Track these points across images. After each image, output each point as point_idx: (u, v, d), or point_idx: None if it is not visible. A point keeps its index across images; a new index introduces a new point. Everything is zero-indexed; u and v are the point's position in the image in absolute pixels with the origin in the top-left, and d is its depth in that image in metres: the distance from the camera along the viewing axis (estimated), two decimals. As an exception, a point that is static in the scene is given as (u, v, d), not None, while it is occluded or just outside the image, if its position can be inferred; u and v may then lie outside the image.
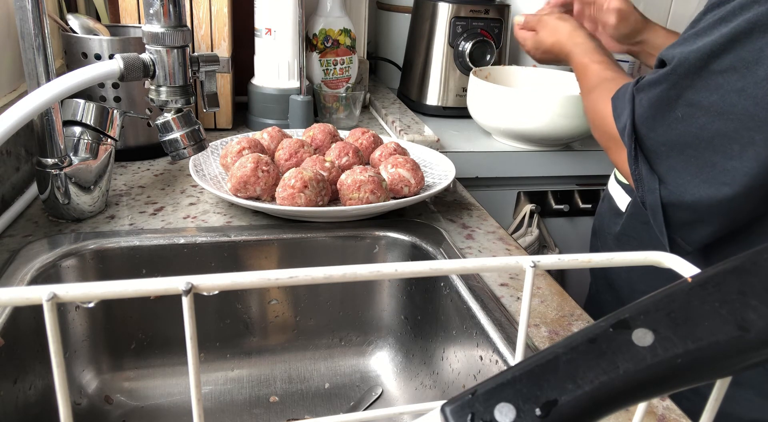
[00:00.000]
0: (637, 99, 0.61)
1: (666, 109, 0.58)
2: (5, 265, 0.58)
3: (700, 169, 0.56)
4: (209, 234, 0.66)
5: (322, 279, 0.21)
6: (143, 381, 0.66)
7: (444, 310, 0.63)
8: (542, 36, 0.89)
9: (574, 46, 0.83)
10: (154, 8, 0.59)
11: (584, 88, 0.77)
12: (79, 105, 0.67)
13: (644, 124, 0.60)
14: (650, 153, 0.60)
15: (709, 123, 0.55)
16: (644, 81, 0.61)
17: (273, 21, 1.00)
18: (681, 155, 0.57)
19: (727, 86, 0.53)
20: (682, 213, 0.58)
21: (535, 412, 0.17)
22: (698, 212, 0.57)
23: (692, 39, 0.56)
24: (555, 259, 0.24)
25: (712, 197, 0.55)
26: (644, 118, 0.60)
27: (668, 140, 0.58)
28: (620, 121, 0.63)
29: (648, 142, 0.60)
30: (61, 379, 0.19)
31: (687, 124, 0.56)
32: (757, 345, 0.17)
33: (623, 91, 0.64)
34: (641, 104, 0.60)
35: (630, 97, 0.62)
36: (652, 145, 0.59)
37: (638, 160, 0.61)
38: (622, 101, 0.63)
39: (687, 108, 0.56)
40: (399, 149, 0.79)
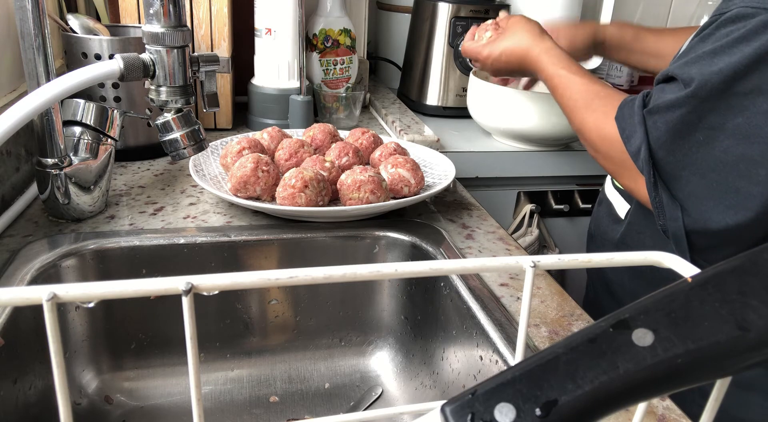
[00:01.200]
0: (651, 122, 0.58)
1: (686, 132, 0.56)
2: (5, 265, 0.58)
3: (724, 195, 0.54)
4: (209, 234, 0.66)
5: (322, 279, 0.21)
6: (143, 381, 0.66)
7: (444, 310, 0.63)
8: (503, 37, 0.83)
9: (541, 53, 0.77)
10: (154, 8, 0.59)
11: (570, 104, 0.72)
12: (79, 105, 0.67)
13: (662, 148, 0.57)
14: (670, 178, 0.58)
15: (733, 146, 0.53)
16: (658, 104, 0.58)
17: (273, 21, 1.00)
18: (703, 180, 0.55)
19: (753, 108, 0.52)
20: (706, 240, 0.57)
21: (535, 412, 0.17)
22: (723, 237, 0.56)
23: (709, 58, 0.54)
24: (555, 259, 0.24)
25: (739, 223, 0.54)
26: (662, 142, 0.57)
27: (689, 165, 0.56)
28: (631, 145, 0.60)
29: (668, 167, 0.58)
30: (61, 379, 0.19)
31: (709, 147, 0.54)
32: (757, 345, 0.17)
33: (629, 112, 0.61)
34: (656, 127, 0.58)
35: (640, 119, 0.59)
36: (672, 170, 0.57)
37: (658, 187, 0.58)
38: (630, 123, 0.61)
39: (709, 131, 0.54)
40: (399, 149, 0.79)
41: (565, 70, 0.74)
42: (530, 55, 0.79)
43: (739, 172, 0.53)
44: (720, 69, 0.53)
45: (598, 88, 0.70)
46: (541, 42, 0.78)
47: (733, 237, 0.56)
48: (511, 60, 0.83)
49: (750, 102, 0.52)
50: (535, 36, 0.80)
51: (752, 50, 0.51)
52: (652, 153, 0.58)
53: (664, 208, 0.58)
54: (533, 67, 0.79)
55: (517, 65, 0.82)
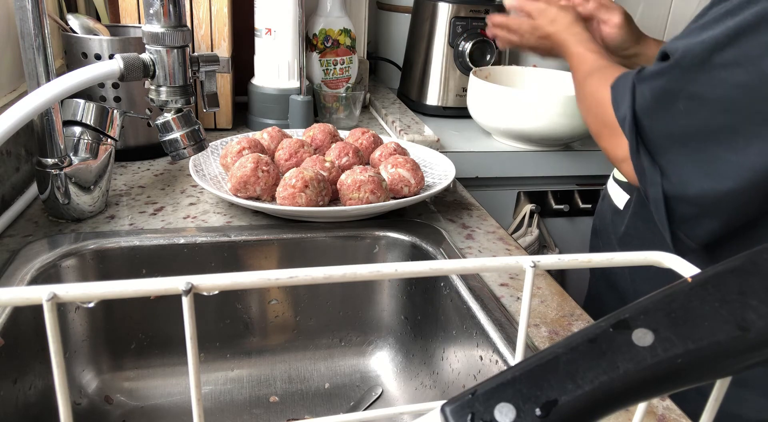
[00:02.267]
0: (639, 89, 0.60)
1: (668, 101, 0.57)
2: (5, 265, 0.58)
3: (704, 162, 0.55)
4: (209, 234, 0.66)
5: (322, 279, 0.21)
6: (143, 381, 0.66)
7: (444, 310, 0.63)
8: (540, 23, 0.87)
9: (570, 36, 0.81)
10: (154, 8, 0.59)
11: (579, 75, 0.76)
12: (79, 105, 0.67)
13: (646, 114, 0.59)
14: (652, 145, 0.59)
15: (712, 117, 0.54)
16: (647, 71, 0.60)
17: (273, 21, 1.00)
18: (684, 148, 0.57)
19: (731, 80, 0.52)
20: (685, 207, 0.58)
21: (535, 412, 0.17)
22: (701, 206, 0.57)
23: (697, 32, 0.56)
24: (555, 259, 0.24)
25: (716, 190, 0.55)
26: (646, 108, 0.59)
27: (670, 132, 0.57)
28: (619, 110, 0.62)
29: (650, 134, 0.59)
30: (61, 379, 0.19)
31: (690, 117, 0.56)
32: (757, 345, 0.17)
33: (624, 79, 0.63)
34: (643, 94, 0.59)
35: (631, 86, 0.61)
36: (654, 136, 0.59)
37: (640, 152, 0.60)
38: (623, 89, 0.62)
39: (690, 101, 0.56)
40: (399, 149, 0.79)
41: (584, 48, 0.78)
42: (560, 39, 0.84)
43: (718, 141, 0.54)
44: (702, 40, 0.54)
45: (607, 62, 0.73)
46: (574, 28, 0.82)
47: (711, 207, 0.56)
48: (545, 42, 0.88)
49: (728, 73, 0.53)
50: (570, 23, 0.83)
51: (734, 23, 0.52)
52: (637, 119, 0.60)
53: (645, 173, 0.59)
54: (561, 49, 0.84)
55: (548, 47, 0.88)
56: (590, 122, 0.71)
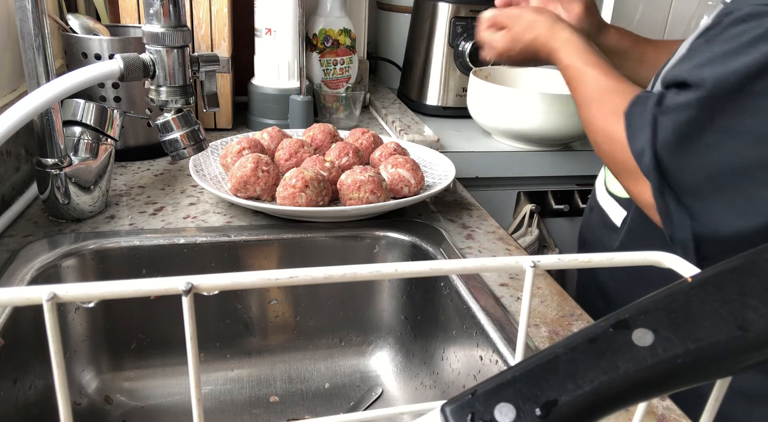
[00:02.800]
0: (660, 122, 0.55)
1: (695, 134, 0.53)
2: (5, 265, 0.58)
3: (735, 198, 0.52)
4: (209, 234, 0.66)
5: (322, 279, 0.21)
6: (143, 381, 0.66)
7: (444, 310, 0.63)
8: (516, 33, 0.78)
9: (558, 43, 0.73)
10: (154, 8, 0.59)
11: (580, 97, 0.69)
12: (79, 105, 0.67)
13: (669, 150, 0.54)
14: (676, 183, 0.55)
15: (745, 149, 0.51)
16: (670, 104, 0.55)
17: (273, 21, 1.00)
18: (712, 184, 0.53)
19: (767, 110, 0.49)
20: (716, 247, 0.55)
21: (535, 412, 0.17)
22: (734, 243, 0.54)
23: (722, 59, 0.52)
24: (555, 259, 0.24)
25: (751, 227, 0.52)
26: (669, 144, 0.54)
27: (698, 168, 0.53)
28: (635, 144, 0.57)
29: (674, 172, 0.54)
30: (61, 379, 0.19)
31: (720, 150, 0.52)
32: (757, 345, 0.17)
33: (640, 109, 0.58)
34: (664, 128, 0.54)
35: (650, 118, 0.56)
36: (678, 173, 0.54)
37: (664, 193, 0.55)
38: (639, 121, 0.57)
39: (720, 134, 0.52)
40: (399, 149, 0.79)
41: (581, 61, 0.70)
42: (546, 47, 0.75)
43: (750, 176, 0.51)
44: (736, 68, 0.50)
45: (612, 83, 0.66)
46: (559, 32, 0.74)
47: (744, 243, 0.53)
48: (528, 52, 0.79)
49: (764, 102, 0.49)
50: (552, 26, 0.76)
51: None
52: (657, 156, 0.55)
53: (671, 215, 0.55)
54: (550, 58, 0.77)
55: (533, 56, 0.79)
56: (605, 159, 0.64)
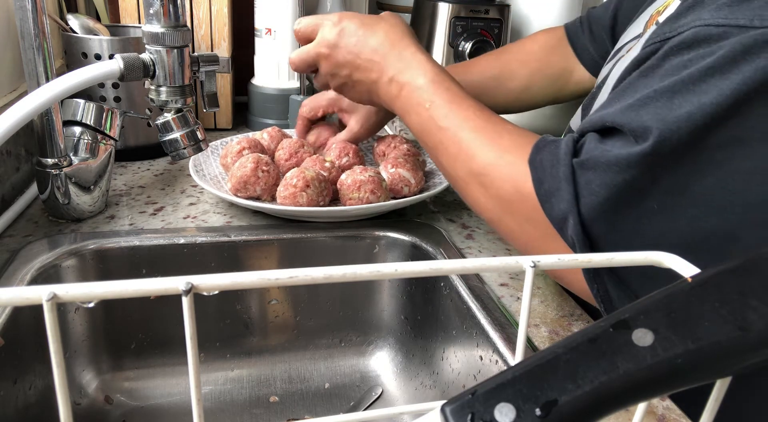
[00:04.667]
0: (583, 180, 0.42)
1: (636, 198, 0.40)
2: (5, 265, 0.58)
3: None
4: (209, 234, 0.66)
5: (322, 279, 0.21)
6: (143, 381, 0.66)
7: (444, 310, 0.63)
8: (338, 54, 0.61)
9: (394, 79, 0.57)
10: (154, 8, 0.59)
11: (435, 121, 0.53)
12: (79, 105, 0.67)
13: (600, 220, 0.42)
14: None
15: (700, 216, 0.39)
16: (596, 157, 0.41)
17: (273, 21, 1.00)
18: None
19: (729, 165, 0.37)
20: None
21: (535, 412, 0.17)
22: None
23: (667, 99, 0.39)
24: (555, 259, 0.24)
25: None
26: (599, 212, 0.41)
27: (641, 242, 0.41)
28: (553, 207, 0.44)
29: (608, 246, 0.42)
30: (61, 379, 0.19)
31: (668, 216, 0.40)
32: (757, 345, 0.17)
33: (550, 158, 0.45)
34: (592, 191, 0.41)
35: (567, 173, 0.43)
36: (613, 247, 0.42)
37: (600, 273, 0.43)
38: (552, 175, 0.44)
39: (668, 197, 0.39)
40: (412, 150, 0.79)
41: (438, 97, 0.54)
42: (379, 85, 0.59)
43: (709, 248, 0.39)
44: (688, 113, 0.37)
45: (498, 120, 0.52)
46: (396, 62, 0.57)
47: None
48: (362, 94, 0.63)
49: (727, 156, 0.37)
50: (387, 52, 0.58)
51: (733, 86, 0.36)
52: (585, 226, 0.42)
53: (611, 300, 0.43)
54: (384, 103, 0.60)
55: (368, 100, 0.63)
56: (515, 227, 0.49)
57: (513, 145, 0.49)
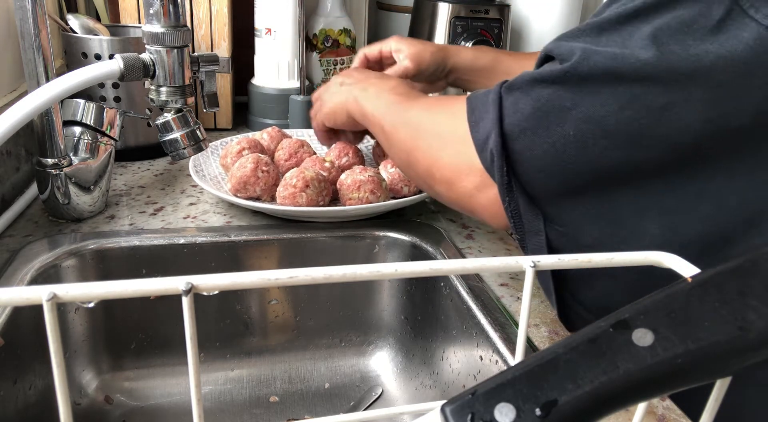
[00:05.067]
0: (508, 100, 0.43)
1: (555, 120, 0.41)
2: (5, 265, 0.58)
3: (596, 203, 0.42)
4: (209, 234, 0.66)
5: (322, 279, 0.21)
6: (143, 381, 0.66)
7: (444, 310, 0.63)
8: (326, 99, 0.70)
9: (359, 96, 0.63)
10: (154, 8, 0.59)
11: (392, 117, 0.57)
12: (79, 105, 0.67)
13: (519, 136, 0.42)
14: (526, 178, 0.43)
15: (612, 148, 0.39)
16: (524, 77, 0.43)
17: (273, 21, 1.00)
18: (568, 185, 0.42)
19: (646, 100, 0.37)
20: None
21: (535, 412, 0.17)
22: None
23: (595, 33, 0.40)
24: (555, 259, 0.24)
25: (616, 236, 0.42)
26: (521, 128, 0.42)
27: (552, 164, 0.41)
28: (479, 129, 0.45)
29: (523, 163, 0.43)
30: (61, 379, 0.19)
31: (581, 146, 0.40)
32: (757, 345, 0.17)
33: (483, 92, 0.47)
34: (517, 107, 0.43)
35: (496, 96, 0.44)
36: (528, 167, 0.42)
37: (513, 188, 0.44)
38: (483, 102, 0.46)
39: (584, 124, 0.39)
40: None
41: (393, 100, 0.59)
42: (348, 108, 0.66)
43: (616, 179, 0.41)
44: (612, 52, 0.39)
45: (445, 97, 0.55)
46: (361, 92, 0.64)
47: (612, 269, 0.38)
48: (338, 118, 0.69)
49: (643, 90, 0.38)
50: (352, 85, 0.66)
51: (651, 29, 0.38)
52: (506, 141, 0.43)
53: (521, 217, 0.44)
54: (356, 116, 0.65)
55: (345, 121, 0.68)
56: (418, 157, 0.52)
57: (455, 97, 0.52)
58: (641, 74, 0.37)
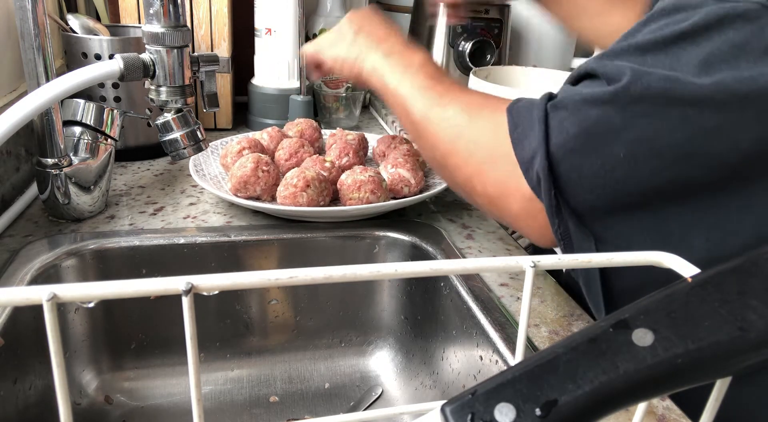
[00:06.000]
0: (555, 119, 0.43)
1: (603, 141, 0.41)
2: (5, 265, 0.58)
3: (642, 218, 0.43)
4: (209, 234, 0.66)
5: (322, 279, 0.21)
6: (143, 381, 0.66)
7: (444, 310, 0.63)
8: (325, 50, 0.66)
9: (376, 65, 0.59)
10: (154, 8, 0.59)
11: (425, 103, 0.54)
12: (79, 105, 0.67)
13: (566, 157, 0.42)
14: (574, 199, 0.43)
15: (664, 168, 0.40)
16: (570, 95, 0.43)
17: (273, 21, 1.00)
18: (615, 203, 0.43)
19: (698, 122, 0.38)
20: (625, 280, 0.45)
21: (535, 412, 0.17)
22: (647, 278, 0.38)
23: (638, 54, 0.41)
24: (555, 259, 0.24)
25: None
26: (567, 149, 0.42)
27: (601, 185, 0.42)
28: (523, 148, 0.44)
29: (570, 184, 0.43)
30: (61, 379, 0.19)
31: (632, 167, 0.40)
32: (757, 345, 0.17)
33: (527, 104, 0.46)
34: (563, 129, 0.42)
35: (541, 115, 0.44)
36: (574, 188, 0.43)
37: (561, 211, 0.44)
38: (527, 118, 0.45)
39: (635, 145, 0.40)
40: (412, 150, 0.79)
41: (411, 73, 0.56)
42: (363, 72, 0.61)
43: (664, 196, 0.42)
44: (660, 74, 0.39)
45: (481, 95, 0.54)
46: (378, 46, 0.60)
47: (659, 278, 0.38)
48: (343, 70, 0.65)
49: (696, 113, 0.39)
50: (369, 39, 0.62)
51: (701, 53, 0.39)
52: (552, 163, 0.43)
53: (571, 238, 0.44)
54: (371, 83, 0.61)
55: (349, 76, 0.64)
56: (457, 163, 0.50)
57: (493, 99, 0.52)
58: (695, 97, 0.38)
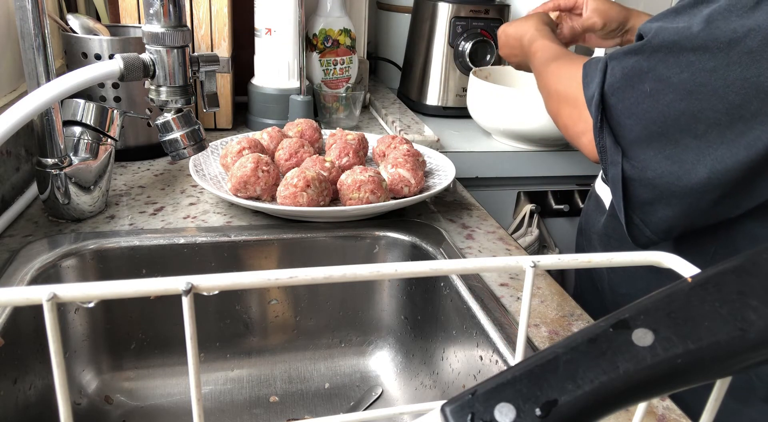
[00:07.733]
0: (610, 67, 0.60)
1: (637, 80, 0.57)
2: (5, 265, 0.58)
3: (664, 146, 0.56)
4: (209, 234, 0.66)
5: (322, 280, 0.21)
6: (143, 381, 0.66)
7: (444, 310, 0.63)
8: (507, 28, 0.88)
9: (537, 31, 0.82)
10: (154, 8, 0.59)
11: (541, 61, 0.75)
12: (79, 105, 0.67)
13: (614, 93, 0.59)
14: (616, 124, 0.59)
15: (676, 101, 0.54)
16: (620, 49, 0.60)
17: (273, 21, 1.00)
18: (646, 130, 0.57)
19: (699, 64, 0.52)
20: (642, 190, 0.58)
21: (535, 412, 0.17)
22: (658, 190, 0.56)
23: (672, 15, 0.56)
24: (555, 259, 0.24)
25: (673, 174, 0.55)
26: (614, 87, 0.59)
27: (635, 114, 0.57)
28: (589, 89, 0.62)
29: (615, 113, 0.59)
30: (61, 379, 0.19)
31: (654, 99, 0.55)
32: (757, 345, 0.17)
33: (596, 59, 0.63)
34: (613, 73, 0.59)
35: (603, 65, 0.60)
36: (618, 116, 0.59)
37: (603, 131, 0.60)
38: (594, 69, 0.62)
39: (657, 83, 0.55)
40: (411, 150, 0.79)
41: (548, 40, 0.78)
42: (523, 42, 0.83)
43: (679, 126, 0.54)
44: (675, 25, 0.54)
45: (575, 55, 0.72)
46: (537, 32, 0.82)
47: (667, 193, 0.56)
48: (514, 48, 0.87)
49: (696, 58, 0.52)
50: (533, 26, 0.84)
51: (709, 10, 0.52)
52: (604, 97, 0.59)
53: (607, 152, 0.60)
54: (526, 56, 0.83)
55: (519, 52, 0.86)
56: (551, 102, 0.71)
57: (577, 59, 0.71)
58: (696, 45, 0.52)
